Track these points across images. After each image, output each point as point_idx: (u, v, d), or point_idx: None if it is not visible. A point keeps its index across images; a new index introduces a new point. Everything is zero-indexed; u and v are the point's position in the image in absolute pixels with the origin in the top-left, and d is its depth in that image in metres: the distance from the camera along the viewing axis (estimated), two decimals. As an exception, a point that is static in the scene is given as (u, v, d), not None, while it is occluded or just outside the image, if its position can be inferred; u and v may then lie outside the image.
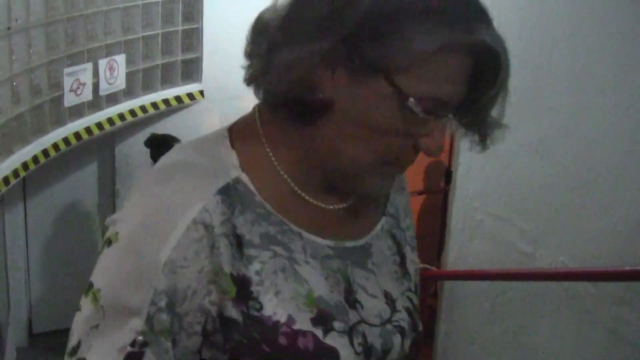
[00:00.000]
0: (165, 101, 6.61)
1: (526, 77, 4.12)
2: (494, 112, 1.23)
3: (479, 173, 4.70)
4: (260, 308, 1.14)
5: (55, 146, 5.68)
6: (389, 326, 1.26)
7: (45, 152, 5.60)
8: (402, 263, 1.39)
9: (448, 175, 7.63)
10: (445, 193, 7.55)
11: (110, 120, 6.14)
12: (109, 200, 6.92)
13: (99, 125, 6.05)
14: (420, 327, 1.34)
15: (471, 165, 4.81)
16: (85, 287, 1.22)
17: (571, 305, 3.81)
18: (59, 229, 6.79)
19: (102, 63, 5.86)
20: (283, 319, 1.14)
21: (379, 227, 1.38)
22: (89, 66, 5.75)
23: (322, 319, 1.16)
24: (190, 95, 6.77)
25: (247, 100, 5.29)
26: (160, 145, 6.14)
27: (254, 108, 1.37)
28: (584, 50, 3.68)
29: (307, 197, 1.25)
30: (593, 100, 3.62)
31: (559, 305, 3.92)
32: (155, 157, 6.21)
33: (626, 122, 3.41)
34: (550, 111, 3.93)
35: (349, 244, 1.29)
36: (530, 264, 4.14)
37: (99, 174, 6.87)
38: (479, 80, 1.13)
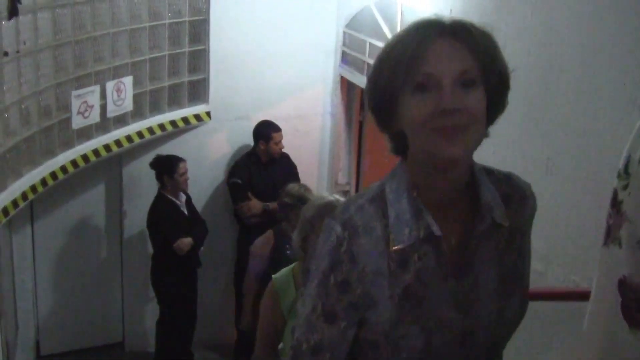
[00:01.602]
0: (172, 122, 6.62)
1: (535, 93, 4.11)
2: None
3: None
4: None
5: (64, 168, 5.70)
6: None
7: (53, 175, 5.62)
8: None
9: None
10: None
11: (117, 142, 6.16)
12: (116, 221, 6.92)
13: (107, 147, 6.06)
14: None
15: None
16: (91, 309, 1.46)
17: (582, 324, 3.78)
18: (67, 250, 6.80)
19: (110, 85, 5.89)
20: None
21: None
22: (96, 88, 5.77)
23: None
24: (197, 117, 6.79)
25: (254, 120, 5.36)
26: (167, 165, 6.15)
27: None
28: (593, 66, 3.67)
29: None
30: (603, 117, 3.60)
31: (571, 326, 3.88)
32: (160, 178, 6.21)
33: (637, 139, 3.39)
34: (560, 128, 3.91)
35: None
36: (541, 283, 4.10)
37: (106, 195, 6.89)
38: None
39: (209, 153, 7.00)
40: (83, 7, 5.54)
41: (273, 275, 3.23)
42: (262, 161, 6.75)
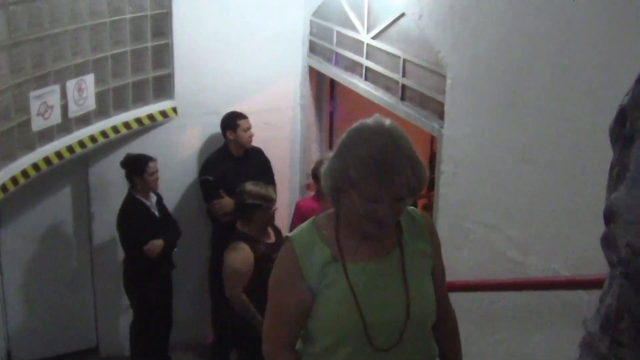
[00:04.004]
0: (138, 120, 6.46)
1: (509, 81, 4.05)
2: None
3: (463, 181, 4.61)
4: None
5: (25, 173, 5.50)
6: None
7: (14, 180, 5.39)
8: None
9: (430, 182, 7.54)
10: (429, 199, 7.46)
11: (81, 143, 5.97)
12: (85, 224, 6.75)
13: (70, 149, 5.88)
14: None
15: (455, 173, 4.71)
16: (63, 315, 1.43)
17: (565, 313, 3.72)
18: (35, 256, 6.63)
19: (71, 84, 5.71)
20: None
21: None
22: (56, 88, 5.59)
23: None
24: (163, 113, 6.62)
25: (222, 115, 5.19)
26: (136, 165, 6.00)
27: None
28: (568, 53, 3.60)
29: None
30: (579, 104, 3.53)
31: (552, 314, 3.82)
32: (130, 178, 6.06)
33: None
34: (535, 116, 3.85)
35: None
36: (520, 272, 4.04)
37: (73, 198, 6.71)
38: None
39: (178, 150, 6.84)
40: (40, 4, 5.34)
41: (289, 235, 2.48)
42: (235, 156, 6.60)
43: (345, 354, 2.36)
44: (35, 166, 5.57)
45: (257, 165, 6.71)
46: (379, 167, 2.20)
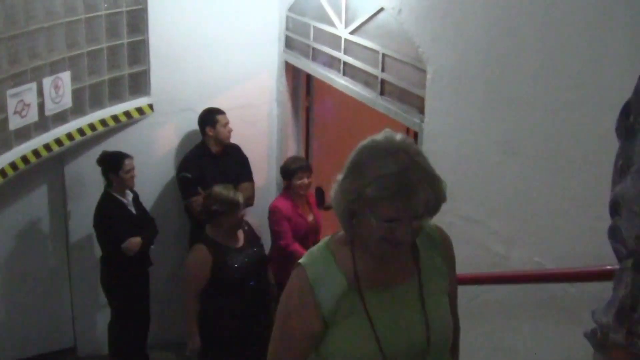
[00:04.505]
0: (114, 117, 6.42)
1: (493, 74, 4.06)
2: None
3: (445, 175, 4.59)
4: None
5: (3, 172, 5.45)
6: None
7: (-9, 179, 5.35)
8: None
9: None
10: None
11: (58, 141, 5.93)
12: (61, 222, 6.69)
13: (47, 147, 5.83)
14: None
15: (436, 165, 4.71)
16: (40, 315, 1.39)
17: (550, 306, 3.75)
18: (10, 255, 6.55)
19: (47, 82, 5.66)
20: None
21: None
22: (33, 86, 5.54)
23: None
24: (140, 110, 6.59)
25: (199, 111, 5.17)
26: (112, 162, 5.97)
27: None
28: (552, 45, 3.62)
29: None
30: (563, 96, 3.55)
31: (537, 306, 3.85)
32: (106, 175, 6.02)
33: (599, 118, 3.34)
34: (518, 109, 3.87)
35: None
36: (504, 266, 4.06)
37: (49, 197, 6.65)
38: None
39: (155, 147, 6.81)
40: (15, 1, 5.29)
41: (301, 262, 2.32)
42: (213, 153, 6.58)
43: None
44: (13, 165, 5.52)
45: (235, 162, 6.71)
46: (399, 186, 2.08)
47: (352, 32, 5.63)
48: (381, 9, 5.16)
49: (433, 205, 2.16)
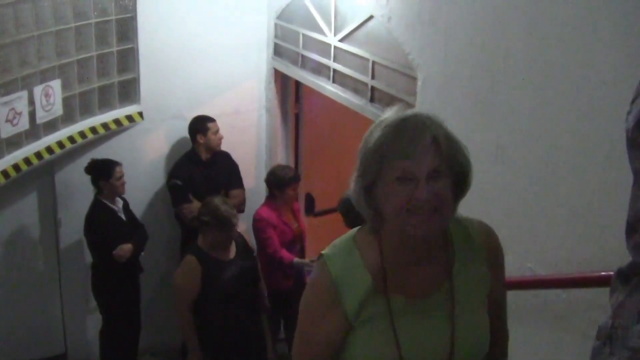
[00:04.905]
0: (104, 125, 6.43)
1: (481, 82, 4.09)
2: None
3: (435, 181, 4.64)
4: None
5: (-6, 180, 5.47)
6: None
7: (-17, 188, 5.36)
8: None
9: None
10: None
11: (49, 149, 5.95)
12: (51, 230, 6.69)
13: (38, 155, 5.85)
14: None
15: (427, 173, 4.75)
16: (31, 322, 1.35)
17: (543, 311, 3.77)
18: (1, 262, 6.55)
19: (38, 90, 5.67)
20: None
21: None
22: (24, 94, 5.55)
23: None
24: (130, 118, 6.60)
25: (189, 119, 5.21)
26: (103, 170, 5.98)
27: None
28: (539, 52, 3.65)
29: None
30: (552, 103, 3.59)
31: (530, 312, 3.88)
32: (96, 183, 6.03)
33: (588, 124, 3.39)
34: (508, 116, 3.90)
35: None
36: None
37: (39, 204, 6.64)
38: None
39: (145, 155, 6.83)
40: (4, 10, 5.31)
41: (324, 254, 2.14)
42: (203, 160, 6.61)
43: None
44: (5, 173, 5.54)
45: (225, 169, 6.74)
46: (402, 130, 1.96)
47: (341, 40, 5.67)
48: (370, 17, 5.21)
49: (451, 162, 1.98)
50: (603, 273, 3.17)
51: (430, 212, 1.94)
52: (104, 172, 6.03)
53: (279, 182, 6.17)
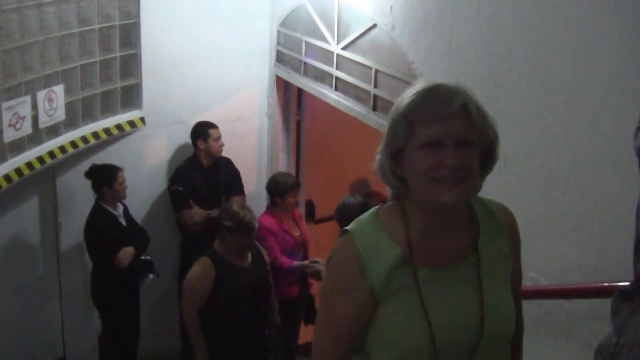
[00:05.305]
0: (106, 130, 6.44)
1: (485, 91, 4.09)
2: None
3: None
4: None
5: (-3, 185, 5.48)
6: None
7: (-14, 191, 5.37)
8: None
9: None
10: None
11: (51, 154, 5.96)
12: (52, 234, 6.70)
13: (40, 160, 5.86)
14: None
15: (429, 182, 4.76)
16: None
17: (545, 322, 3.77)
18: (1, 266, 6.54)
19: (41, 95, 5.69)
20: None
21: None
22: (27, 99, 5.57)
23: None
24: (132, 123, 6.62)
25: (190, 125, 5.23)
26: (106, 175, 5.98)
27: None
28: (544, 62, 3.66)
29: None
30: (556, 114, 3.60)
31: (532, 322, 3.88)
32: (98, 188, 6.03)
33: (592, 135, 3.40)
34: (512, 127, 3.90)
35: None
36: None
37: (40, 208, 6.64)
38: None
39: (146, 160, 6.84)
40: (9, 15, 5.32)
41: (349, 229, 2.10)
42: (205, 166, 6.62)
43: None
44: (7, 177, 5.55)
45: (227, 175, 6.74)
46: (432, 95, 1.97)
47: (344, 48, 5.69)
48: (374, 25, 5.23)
49: (480, 131, 1.99)
50: (606, 284, 3.18)
51: (456, 181, 1.93)
52: (107, 178, 6.03)
53: (280, 189, 6.17)
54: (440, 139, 1.93)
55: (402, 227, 2.07)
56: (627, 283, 3.06)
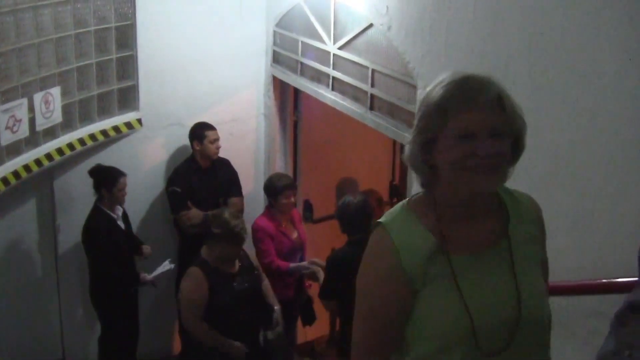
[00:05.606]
0: (103, 132, 6.44)
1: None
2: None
3: (435, 189, 4.65)
4: None
5: (-6, 187, 5.48)
6: None
7: (-16, 195, 5.37)
8: None
9: (393, 189, 7.63)
10: (391, 205, 7.54)
11: (48, 156, 5.96)
12: (50, 236, 6.69)
13: (38, 162, 5.86)
14: None
15: (427, 181, 4.77)
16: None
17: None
18: (0, 269, 6.54)
19: (38, 97, 5.69)
20: None
21: None
22: (24, 101, 5.57)
23: None
24: (129, 124, 6.62)
25: (188, 126, 5.22)
26: (107, 178, 5.98)
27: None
28: (540, 60, 3.68)
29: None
30: (553, 114, 3.61)
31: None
32: (98, 189, 6.03)
33: (589, 133, 3.41)
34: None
35: None
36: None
37: (38, 211, 6.64)
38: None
39: (143, 162, 6.84)
40: (5, 18, 5.32)
41: (382, 221, 2.11)
42: (202, 167, 6.62)
43: None
44: (5, 180, 5.55)
45: (224, 176, 6.75)
46: (467, 85, 2.00)
47: (340, 48, 5.69)
48: (370, 25, 5.23)
49: (511, 125, 2.03)
50: (604, 280, 3.19)
51: (490, 169, 1.97)
52: (108, 181, 6.02)
53: (273, 189, 6.18)
54: (475, 128, 1.96)
55: (433, 215, 2.09)
56: (625, 279, 3.09)
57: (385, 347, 2.13)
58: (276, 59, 6.91)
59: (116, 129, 6.54)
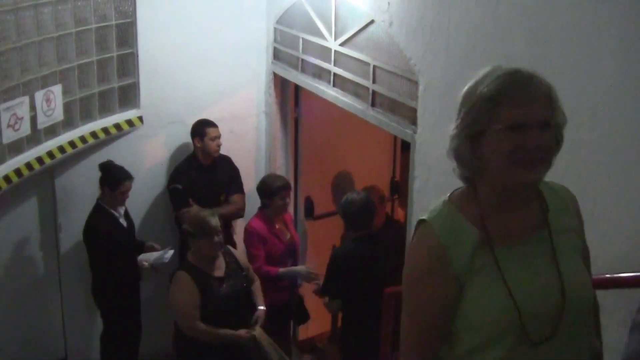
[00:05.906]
0: (105, 130, 6.44)
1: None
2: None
3: (436, 187, 4.66)
4: None
5: (-3, 186, 5.48)
6: None
7: (-14, 192, 5.37)
8: None
9: (394, 185, 7.63)
10: (392, 202, 7.55)
11: (50, 154, 5.96)
12: (52, 234, 6.69)
13: (39, 160, 5.86)
14: None
15: (428, 179, 4.78)
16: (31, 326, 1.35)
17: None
18: (1, 267, 6.53)
19: (39, 95, 5.68)
20: None
21: None
22: (25, 99, 5.56)
23: None
24: (129, 122, 6.62)
25: (188, 124, 5.21)
26: (109, 175, 5.98)
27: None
28: (542, 57, 3.67)
29: None
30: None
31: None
32: (103, 183, 6.02)
33: (591, 130, 3.42)
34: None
35: None
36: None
37: (40, 209, 6.63)
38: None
39: (145, 159, 6.84)
40: (6, 16, 5.32)
41: (426, 218, 2.16)
42: (204, 165, 6.63)
43: (498, 354, 2.09)
44: (7, 178, 5.55)
45: (226, 173, 6.75)
46: (517, 79, 2.06)
47: (342, 44, 5.69)
48: (371, 22, 5.23)
49: (559, 120, 2.11)
50: (607, 275, 3.20)
51: (538, 161, 2.04)
52: (112, 181, 6.03)
53: (267, 190, 6.15)
54: (527, 120, 2.01)
55: (475, 209, 2.15)
56: (627, 275, 3.11)
57: (434, 342, 2.17)
58: (277, 55, 6.90)
59: (117, 126, 6.55)
